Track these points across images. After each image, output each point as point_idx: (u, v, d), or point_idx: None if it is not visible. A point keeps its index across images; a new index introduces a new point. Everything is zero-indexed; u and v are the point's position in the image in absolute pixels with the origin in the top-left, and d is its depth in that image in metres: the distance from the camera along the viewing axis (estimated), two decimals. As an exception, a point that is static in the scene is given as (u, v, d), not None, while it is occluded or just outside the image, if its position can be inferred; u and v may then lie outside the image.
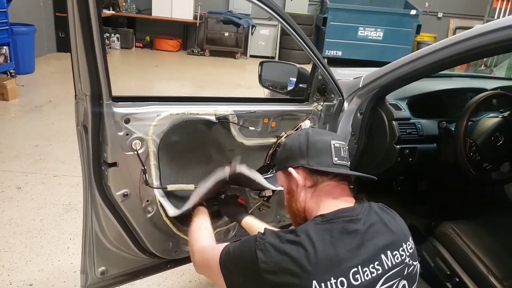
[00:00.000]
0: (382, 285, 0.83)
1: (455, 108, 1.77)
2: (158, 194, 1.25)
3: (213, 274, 0.93)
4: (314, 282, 0.77)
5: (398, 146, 1.56)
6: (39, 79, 5.32)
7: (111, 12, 7.62)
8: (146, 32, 8.31)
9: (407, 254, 0.90)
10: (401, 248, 0.89)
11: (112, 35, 7.61)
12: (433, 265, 1.48)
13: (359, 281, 0.80)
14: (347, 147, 0.99)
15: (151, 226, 1.31)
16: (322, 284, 0.77)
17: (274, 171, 1.07)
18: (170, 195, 1.28)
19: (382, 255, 0.85)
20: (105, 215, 1.23)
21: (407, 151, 1.58)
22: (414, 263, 0.91)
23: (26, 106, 4.25)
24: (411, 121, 1.62)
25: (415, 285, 0.92)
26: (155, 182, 1.23)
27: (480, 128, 1.62)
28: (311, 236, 0.82)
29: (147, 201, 1.27)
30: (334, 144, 0.95)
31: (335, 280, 0.78)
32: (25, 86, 4.74)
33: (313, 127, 0.98)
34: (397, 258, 0.87)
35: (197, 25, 8.01)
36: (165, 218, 1.33)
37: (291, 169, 0.97)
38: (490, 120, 1.65)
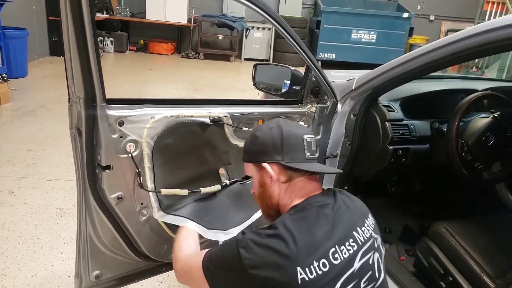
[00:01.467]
0: (360, 259, 0.89)
1: (447, 109, 1.79)
2: (151, 194, 1.25)
3: (194, 280, 0.95)
4: (299, 268, 0.81)
5: (391, 147, 1.57)
6: (32, 83, 5.28)
7: (105, 15, 7.60)
8: (140, 36, 8.30)
9: (371, 228, 0.97)
10: (366, 224, 0.96)
11: (106, 38, 7.58)
12: (427, 265, 1.48)
13: (339, 259, 0.86)
14: (315, 140, 1.01)
15: (145, 229, 1.31)
16: (306, 269, 0.82)
17: (243, 161, 1.07)
18: (164, 196, 1.28)
19: (354, 232, 0.92)
20: (100, 218, 1.22)
21: (400, 151, 1.60)
22: (378, 236, 0.99)
23: (18, 110, 4.22)
24: (404, 122, 1.63)
25: (383, 256, 0.98)
26: (150, 185, 1.23)
27: (472, 129, 1.63)
28: (288, 227, 0.86)
29: (142, 204, 1.26)
30: (306, 139, 0.96)
31: (317, 263, 0.83)
32: (17, 90, 4.70)
33: (281, 117, 1.00)
34: (366, 233, 0.94)
35: (191, 28, 8.01)
36: (159, 221, 1.33)
37: (265, 164, 0.97)
38: (481, 120, 1.66)
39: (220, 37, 8.09)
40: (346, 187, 1.66)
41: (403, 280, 1.43)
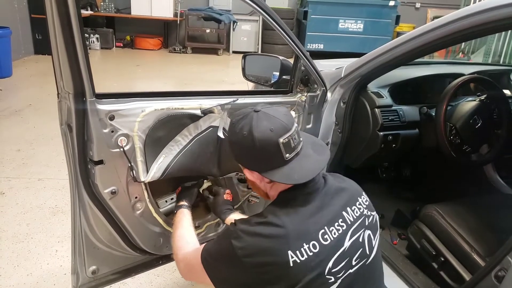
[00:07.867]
0: (350, 238, 0.91)
1: (435, 94, 1.81)
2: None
3: (198, 275, 0.96)
4: (290, 252, 0.83)
5: (381, 133, 1.59)
6: (17, 83, 5.18)
7: (89, 12, 7.46)
8: (126, 32, 8.17)
9: (364, 206, 0.99)
10: (358, 202, 0.97)
11: (92, 35, 7.45)
12: (419, 247, 1.51)
13: (329, 240, 0.88)
14: (296, 129, 0.93)
15: (140, 223, 1.31)
16: (297, 252, 0.83)
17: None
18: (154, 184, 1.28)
19: (343, 212, 0.93)
20: (94, 213, 1.22)
21: (390, 137, 1.62)
22: (372, 213, 1.01)
23: (5, 110, 4.15)
24: (393, 108, 1.65)
25: (377, 232, 1.01)
26: (143, 178, 1.23)
27: (459, 112, 1.66)
28: (277, 213, 0.88)
29: (136, 197, 1.26)
30: (282, 142, 0.89)
31: (307, 245, 0.85)
32: (3, 90, 4.62)
33: (254, 110, 0.92)
34: (356, 212, 0.95)
35: (178, 22, 7.92)
36: (154, 214, 1.33)
37: (246, 171, 0.98)
38: (468, 104, 1.69)
39: (208, 31, 8.02)
40: None
41: (397, 264, 1.46)
